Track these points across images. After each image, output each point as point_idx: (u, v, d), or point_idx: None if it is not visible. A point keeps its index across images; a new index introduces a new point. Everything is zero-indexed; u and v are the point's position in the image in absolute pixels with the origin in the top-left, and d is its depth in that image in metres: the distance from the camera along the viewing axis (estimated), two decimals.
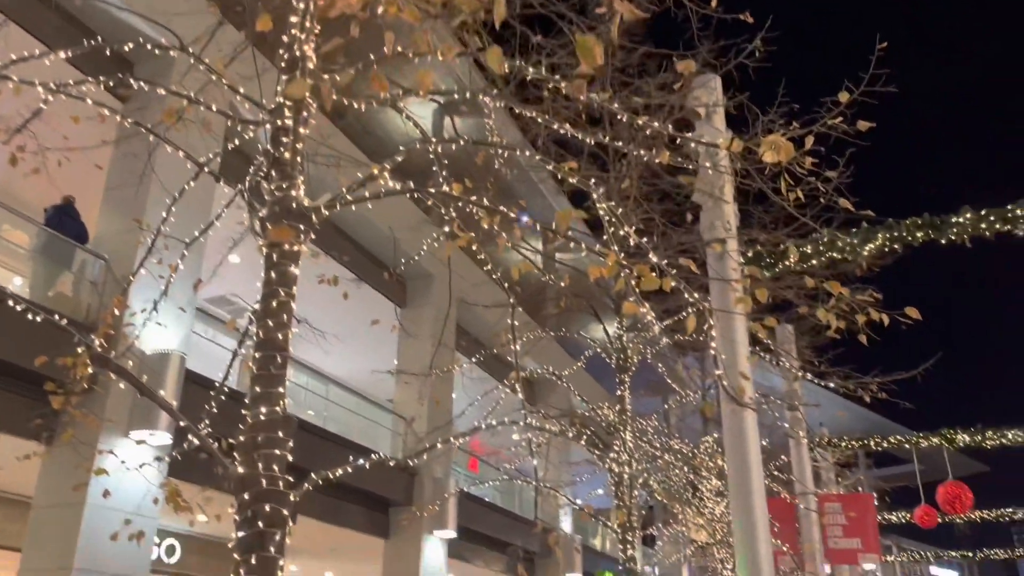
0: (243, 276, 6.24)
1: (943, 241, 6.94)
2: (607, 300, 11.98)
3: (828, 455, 16.70)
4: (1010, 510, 19.28)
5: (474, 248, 5.29)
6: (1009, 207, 6.79)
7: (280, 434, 3.68)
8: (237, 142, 5.45)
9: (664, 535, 18.00)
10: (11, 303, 4.67)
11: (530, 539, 16.44)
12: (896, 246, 7.07)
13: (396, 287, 14.50)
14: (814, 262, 7.06)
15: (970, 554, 29.02)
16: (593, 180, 4.82)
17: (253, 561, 3.41)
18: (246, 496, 3.55)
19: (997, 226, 6.78)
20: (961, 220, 6.81)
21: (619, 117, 4.78)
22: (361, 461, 4.72)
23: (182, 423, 4.05)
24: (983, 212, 6.78)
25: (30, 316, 4.39)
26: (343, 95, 4.48)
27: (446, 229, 5.15)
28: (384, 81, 3.56)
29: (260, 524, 3.48)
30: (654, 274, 4.46)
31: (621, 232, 4.89)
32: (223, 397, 4.95)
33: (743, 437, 6.15)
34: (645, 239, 5.09)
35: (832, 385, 9.50)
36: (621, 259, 4.47)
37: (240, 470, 3.61)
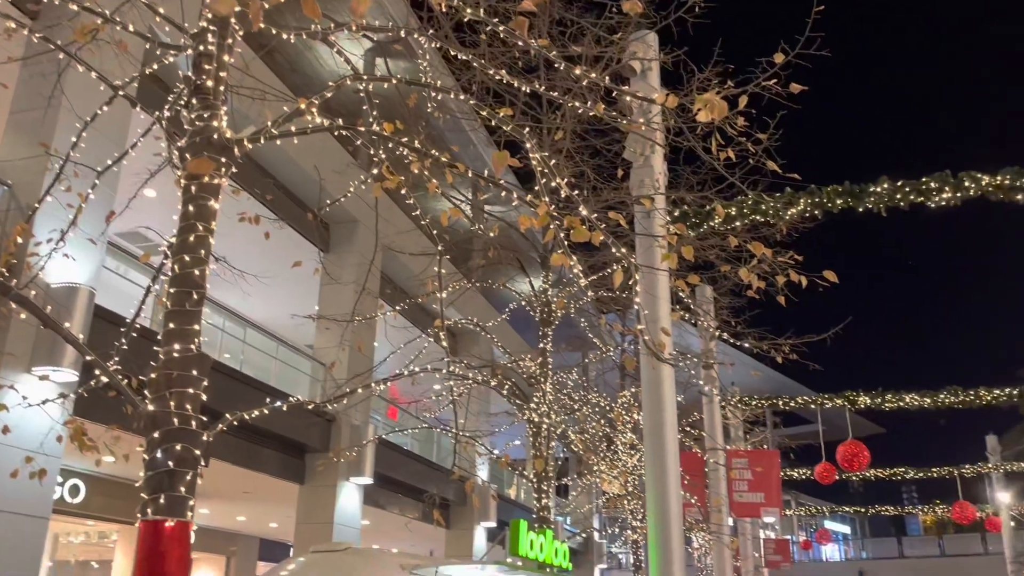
0: (159, 210, 5.98)
1: (860, 209, 7.16)
2: (534, 254, 12.01)
3: (738, 413, 17.32)
4: (902, 469, 20.44)
5: (402, 192, 5.18)
6: (924, 180, 7.03)
7: (194, 372, 3.56)
8: (156, 67, 5.16)
9: (578, 486, 18.45)
10: None
11: (447, 487, 16.62)
12: (817, 212, 7.25)
13: (320, 230, 14.20)
14: (738, 223, 7.19)
15: (862, 510, 30.78)
16: (527, 130, 4.76)
17: (161, 501, 3.32)
18: (156, 435, 3.44)
19: (911, 197, 7.03)
20: (878, 190, 7.03)
21: (556, 66, 4.72)
22: (278, 404, 4.62)
23: (89, 358, 3.88)
24: (899, 183, 7.01)
25: None
26: (271, 22, 4.28)
27: (374, 171, 5.02)
28: (316, 6, 3.40)
29: (170, 464, 3.38)
30: (584, 227, 4.46)
31: (553, 184, 4.85)
32: (134, 334, 4.76)
33: (660, 392, 6.29)
34: (576, 192, 5.08)
35: (746, 345, 9.81)
36: (552, 210, 4.45)
37: (150, 408, 3.49)
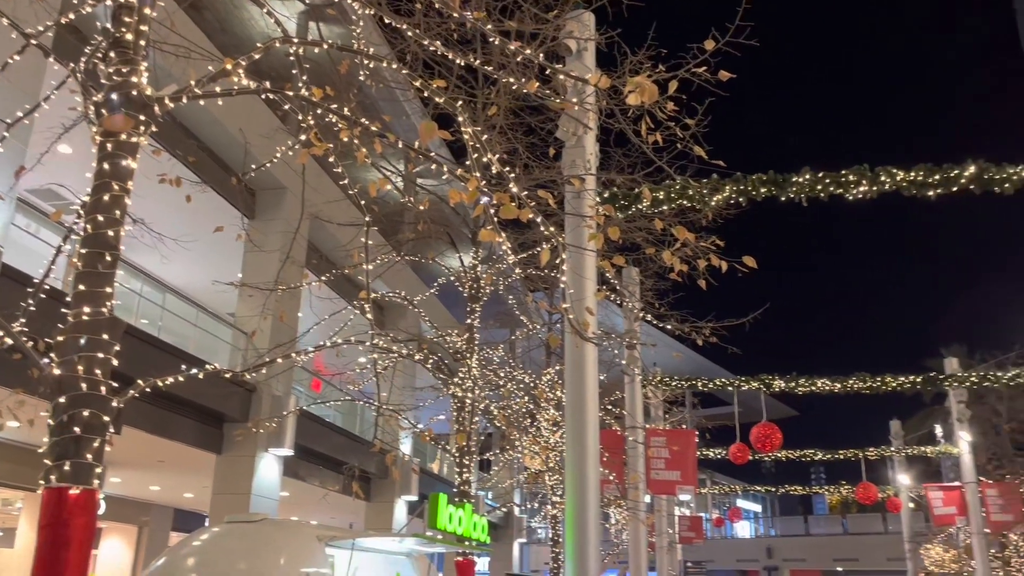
0: (73, 167, 5.73)
1: (783, 198, 7.36)
2: (465, 230, 11.98)
3: (659, 393, 17.73)
4: (811, 451, 21.28)
5: (331, 160, 5.09)
6: (843, 172, 7.27)
7: (105, 337, 3.45)
8: (73, 16, 4.93)
9: (499, 461, 18.61)
10: None
11: (368, 460, 16.55)
12: (742, 199, 7.42)
13: (244, 196, 13.85)
14: (665, 207, 7.31)
15: (773, 489, 31.98)
16: (460, 103, 4.73)
17: (66, 468, 3.21)
18: (62, 400, 3.32)
19: (831, 188, 7.27)
20: (800, 180, 7.24)
21: (491, 40, 4.69)
22: (195, 371, 4.52)
23: None
24: (820, 174, 7.24)
25: None
26: None
27: (302, 137, 4.92)
28: None
29: (76, 430, 3.27)
30: (513, 204, 4.48)
31: (484, 159, 4.84)
32: (42, 295, 4.57)
33: (582, 370, 6.39)
34: (507, 169, 5.08)
35: (669, 327, 10.03)
36: (482, 185, 4.45)
37: (57, 372, 3.36)
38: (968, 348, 24.33)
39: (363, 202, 5.73)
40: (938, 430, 25.47)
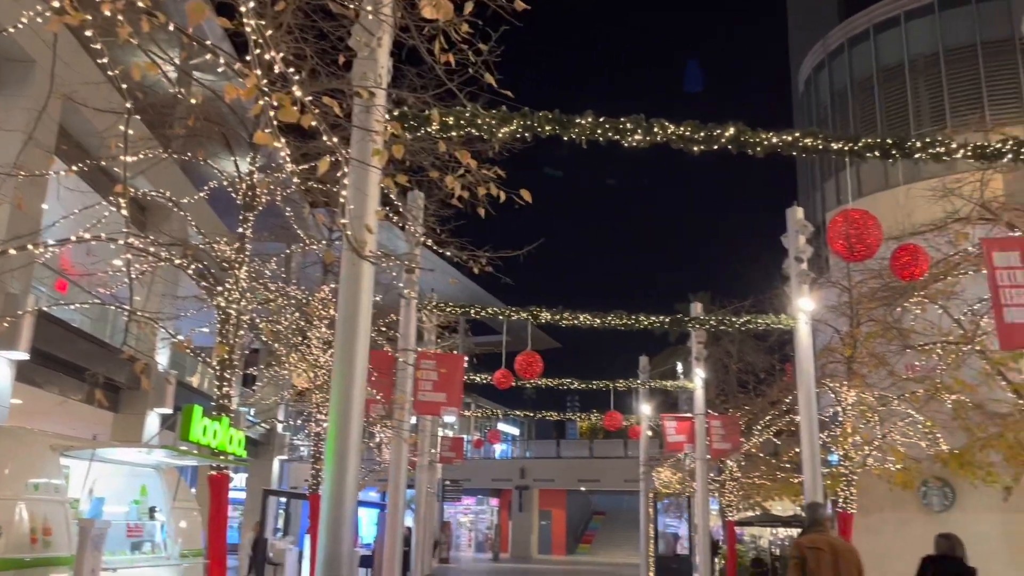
0: None
1: (566, 138, 7.62)
2: (243, 132, 11.26)
3: (433, 318, 18.03)
4: (569, 380, 22.72)
5: (88, 34, 4.53)
6: (621, 119, 7.65)
7: None
8: None
9: (264, 377, 18.13)
10: None
11: (119, 369, 15.44)
12: (528, 134, 7.59)
13: None
14: (455, 133, 7.30)
15: (531, 414, 34.00)
16: None
17: None
18: None
19: (609, 134, 7.62)
20: (582, 122, 7.52)
21: None
22: None
23: None
24: (601, 119, 7.56)
25: None
26: None
27: (55, 4, 4.32)
28: None
29: None
30: (295, 108, 4.26)
31: (267, 56, 4.55)
32: None
33: (357, 288, 6.32)
34: (292, 71, 4.80)
35: (448, 254, 10.15)
36: (262, 84, 4.19)
37: None
38: (712, 295, 26.98)
39: (125, 86, 5.18)
40: (680, 367, 28.17)
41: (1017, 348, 10.24)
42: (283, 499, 23.50)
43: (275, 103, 4.14)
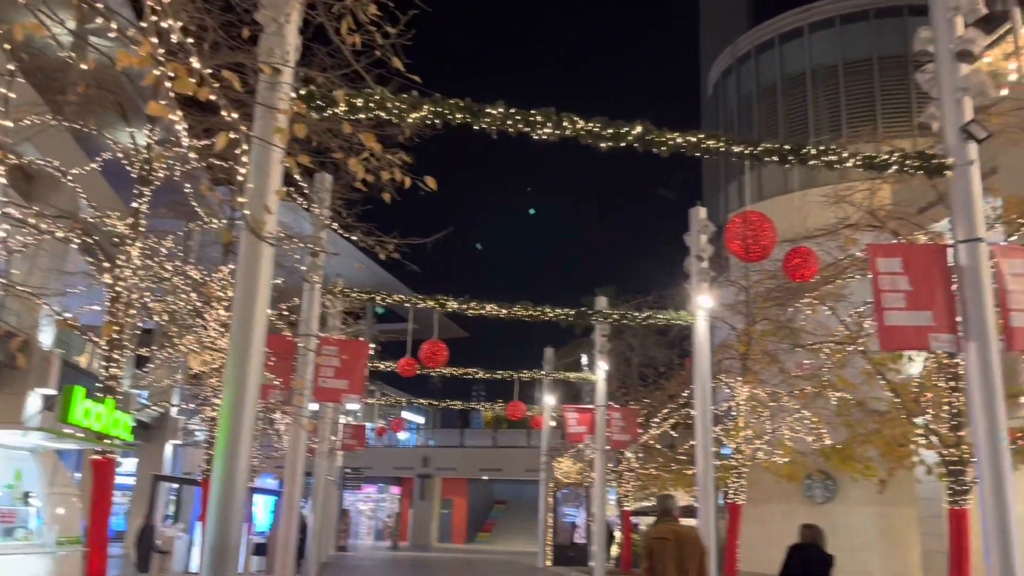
0: None
1: (476, 127, 7.59)
2: (140, 102, 10.78)
3: (338, 303, 17.73)
4: (474, 370, 22.77)
5: None
6: (533, 112, 7.67)
7: None
8: None
9: (157, 358, 17.44)
10: None
11: None
12: (438, 121, 7.52)
13: None
14: (363, 116, 7.17)
15: (436, 403, 33.88)
16: None
17: None
18: None
19: (520, 126, 7.64)
20: (493, 113, 7.50)
21: None
22: None
23: None
24: (511, 111, 7.56)
25: None
26: None
27: None
28: None
29: None
30: (192, 80, 4.11)
31: (164, 24, 4.36)
32: None
33: (256, 270, 6.16)
34: (191, 41, 4.62)
35: (355, 239, 10.00)
36: (158, 52, 4.02)
37: None
38: (617, 290, 27.49)
39: (7, 46, 4.88)
40: (584, 359, 28.64)
41: (896, 349, 10.85)
42: (174, 485, 22.72)
43: (171, 73, 3.98)
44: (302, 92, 7.12)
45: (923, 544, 19.40)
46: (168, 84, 4.20)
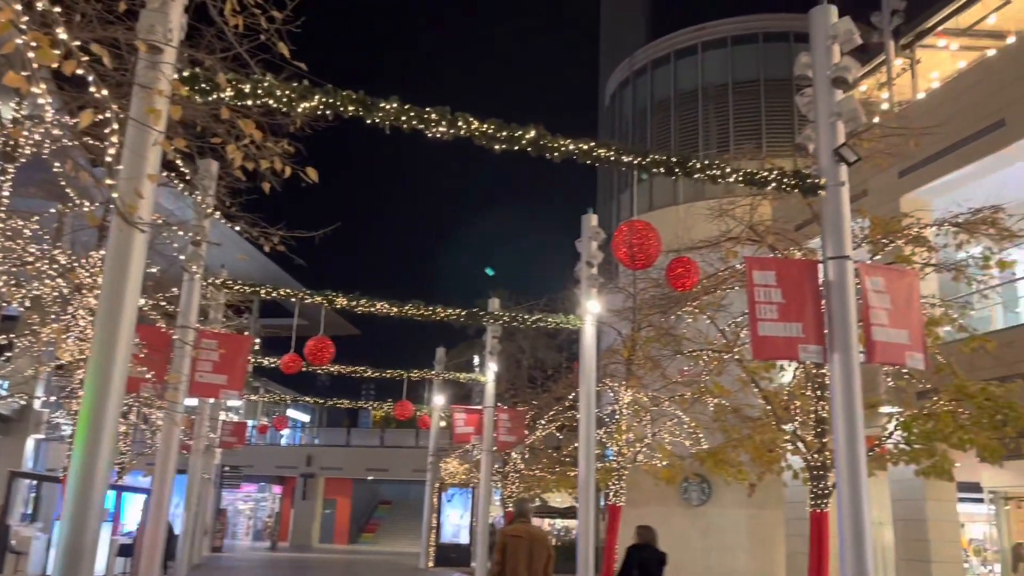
0: None
1: (369, 121, 7.45)
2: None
3: (221, 296, 17.09)
4: (362, 368, 22.40)
5: None
6: (427, 109, 7.61)
7: None
8: None
9: (16, 347, 16.36)
10: None
11: None
12: (329, 112, 7.34)
13: None
14: (250, 102, 6.92)
15: (321, 401, 33.15)
16: None
17: None
18: None
19: (414, 122, 7.55)
20: (386, 107, 7.39)
21: None
22: None
23: None
24: (406, 106, 7.47)
25: None
26: None
27: None
28: None
29: None
30: (55, 51, 3.87)
31: None
32: None
33: (127, 257, 5.84)
34: (59, 9, 4.34)
35: (238, 229, 9.64)
36: (20, 20, 3.77)
37: None
38: (509, 292, 27.67)
39: None
40: (476, 360, 28.69)
41: (768, 359, 11.34)
42: (33, 482, 21.37)
43: (32, 43, 3.74)
44: (185, 74, 6.82)
45: (788, 545, 20.41)
46: (31, 55, 3.95)
